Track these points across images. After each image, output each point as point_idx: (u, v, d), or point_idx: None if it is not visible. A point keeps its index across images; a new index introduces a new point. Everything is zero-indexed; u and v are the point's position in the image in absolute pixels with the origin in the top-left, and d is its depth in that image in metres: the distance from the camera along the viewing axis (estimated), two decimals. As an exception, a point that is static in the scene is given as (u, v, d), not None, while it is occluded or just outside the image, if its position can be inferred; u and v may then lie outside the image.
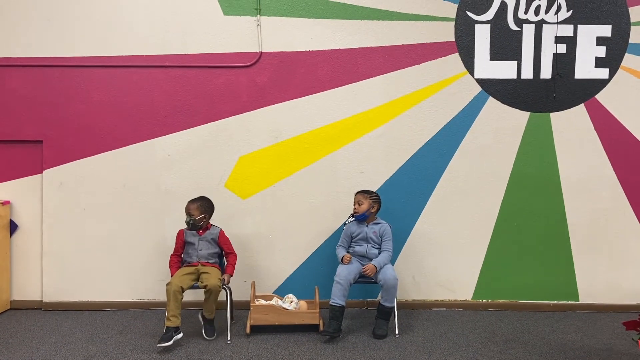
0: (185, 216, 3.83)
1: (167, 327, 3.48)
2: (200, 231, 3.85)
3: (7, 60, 4.24)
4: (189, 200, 3.88)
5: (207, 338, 3.67)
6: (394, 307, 3.75)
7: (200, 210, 3.84)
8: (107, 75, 4.27)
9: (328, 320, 3.69)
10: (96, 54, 4.26)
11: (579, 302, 4.34)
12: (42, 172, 4.30)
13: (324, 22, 4.27)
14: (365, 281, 3.82)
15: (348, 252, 3.90)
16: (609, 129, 4.29)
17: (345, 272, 3.71)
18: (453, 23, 4.27)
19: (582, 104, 4.29)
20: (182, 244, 3.87)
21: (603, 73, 4.27)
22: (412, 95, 4.30)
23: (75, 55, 4.25)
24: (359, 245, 3.88)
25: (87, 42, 4.25)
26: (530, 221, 4.32)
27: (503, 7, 4.25)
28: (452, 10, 4.26)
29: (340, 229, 4.21)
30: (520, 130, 4.30)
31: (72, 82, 4.27)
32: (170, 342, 3.43)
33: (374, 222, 3.93)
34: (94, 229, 4.30)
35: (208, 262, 3.79)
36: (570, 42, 4.25)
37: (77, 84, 4.27)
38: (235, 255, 3.93)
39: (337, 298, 3.66)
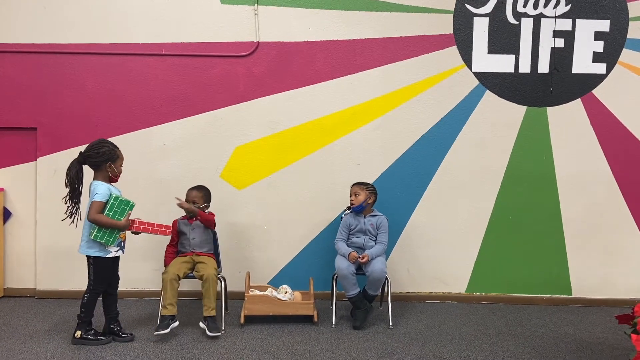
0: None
1: (163, 315, 3.46)
2: (191, 220, 3.84)
3: (2, 47, 4.20)
4: (189, 188, 3.87)
5: (211, 334, 3.46)
6: (378, 294, 3.85)
7: (204, 199, 3.84)
8: (102, 63, 4.24)
9: (354, 310, 3.78)
10: (92, 41, 4.22)
11: (572, 296, 4.37)
12: (36, 160, 4.27)
13: (322, 12, 4.24)
14: (362, 273, 3.82)
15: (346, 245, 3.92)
16: (605, 124, 4.29)
17: (344, 266, 3.72)
18: (451, 15, 4.25)
19: (579, 99, 4.29)
20: (177, 234, 3.86)
21: (600, 68, 4.27)
22: (410, 88, 4.29)
23: (71, 42, 4.21)
24: (357, 238, 3.89)
25: (82, 29, 4.21)
26: (525, 215, 4.34)
27: (502, 0, 4.23)
28: (450, 2, 4.24)
29: (336, 221, 4.21)
30: (517, 124, 4.30)
31: (67, 69, 4.23)
32: (168, 330, 3.41)
33: (371, 214, 3.94)
34: (89, 217, 4.27)
35: (202, 252, 3.78)
36: (569, 36, 4.25)
37: (72, 72, 4.23)
38: (213, 215, 3.83)
39: (350, 290, 3.71)
